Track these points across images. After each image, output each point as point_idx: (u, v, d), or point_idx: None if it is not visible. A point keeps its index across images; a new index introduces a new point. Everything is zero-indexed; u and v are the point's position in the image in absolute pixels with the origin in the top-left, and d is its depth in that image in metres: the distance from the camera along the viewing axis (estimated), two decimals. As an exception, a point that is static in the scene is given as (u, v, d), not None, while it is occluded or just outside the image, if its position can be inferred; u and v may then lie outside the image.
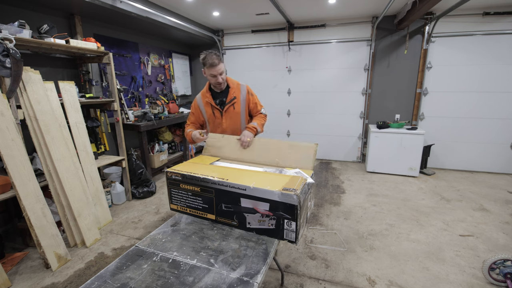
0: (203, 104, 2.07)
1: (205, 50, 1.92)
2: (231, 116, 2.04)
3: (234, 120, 2.06)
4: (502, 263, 1.84)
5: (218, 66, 1.86)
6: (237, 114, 2.05)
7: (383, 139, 4.12)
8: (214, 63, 1.84)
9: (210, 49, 1.97)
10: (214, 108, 2.04)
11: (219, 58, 1.88)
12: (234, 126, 2.08)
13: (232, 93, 2.01)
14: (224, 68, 1.93)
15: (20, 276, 2.00)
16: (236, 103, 2.02)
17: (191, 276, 1.13)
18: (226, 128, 2.07)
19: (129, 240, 2.48)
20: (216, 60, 1.84)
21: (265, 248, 1.33)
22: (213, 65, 1.85)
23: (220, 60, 1.88)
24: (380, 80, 4.54)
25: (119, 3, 2.85)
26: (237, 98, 2.02)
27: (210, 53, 1.86)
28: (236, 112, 2.04)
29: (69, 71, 3.02)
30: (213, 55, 1.85)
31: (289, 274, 2.01)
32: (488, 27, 3.85)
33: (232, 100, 2.01)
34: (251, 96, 2.07)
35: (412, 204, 3.16)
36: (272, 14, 4.09)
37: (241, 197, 1.40)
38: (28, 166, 2.01)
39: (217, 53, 1.89)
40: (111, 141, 3.54)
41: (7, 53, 1.85)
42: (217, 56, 1.87)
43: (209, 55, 1.85)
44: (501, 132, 4.09)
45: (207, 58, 1.84)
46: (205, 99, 2.04)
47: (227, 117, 2.04)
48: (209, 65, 1.85)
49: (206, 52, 1.89)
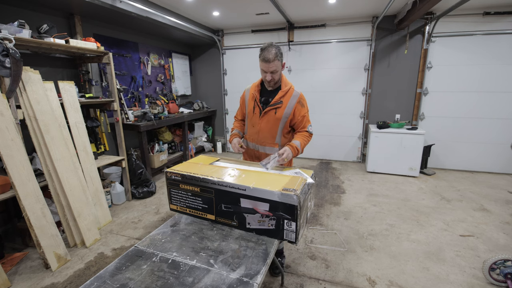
0: (249, 97, 1.90)
1: (269, 42, 1.73)
2: (269, 120, 1.83)
3: (271, 125, 1.83)
4: (502, 263, 1.84)
5: (271, 63, 1.66)
6: (277, 120, 1.81)
7: (383, 139, 4.12)
8: (268, 58, 1.64)
9: (271, 42, 1.72)
10: (256, 105, 1.85)
11: (277, 54, 1.67)
12: (269, 132, 1.86)
13: (280, 96, 1.78)
14: (279, 67, 1.72)
15: (20, 276, 2.00)
16: (280, 108, 1.78)
17: (190, 276, 1.13)
18: (260, 130, 1.87)
19: (128, 240, 2.47)
20: (271, 56, 1.64)
21: (265, 249, 1.33)
22: (266, 60, 1.66)
23: (277, 57, 1.67)
24: (380, 80, 4.54)
25: (119, 3, 2.85)
26: (283, 103, 1.78)
27: (270, 46, 1.66)
28: (276, 117, 1.80)
29: (69, 71, 3.02)
30: (273, 49, 1.65)
31: (289, 274, 2.01)
32: (489, 27, 3.85)
33: (277, 103, 1.78)
34: (301, 107, 1.80)
35: (412, 204, 3.15)
36: (272, 14, 4.09)
37: (241, 197, 1.40)
38: (28, 166, 2.00)
39: (279, 48, 1.70)
40: (111, 141, 3.54)
41: (6, 53, 1.85)
42: (277, 51, 1.66)
43: (267, 48, 1.66)
44: (502, 132, 4.08)
45: (264, 51, 1.66)
46: (253, 92, 1.87)
47: (264, 119, 1.84)
48: (262, 59, 1.67)
49: (268, 43, 1.69)
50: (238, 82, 5.35)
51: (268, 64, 1.66)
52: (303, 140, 1.79)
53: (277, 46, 1.69)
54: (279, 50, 1.69)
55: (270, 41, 1.82)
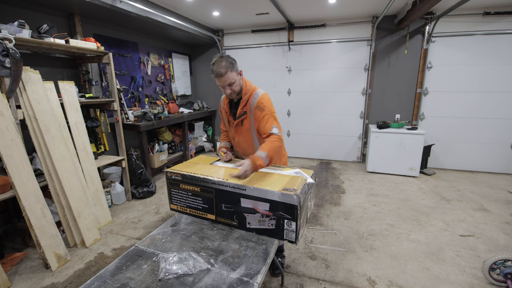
0: (223, 110, 1.85)
1: (218, 54, 1.63)
2: (242, 131, 1.77)
3: (245, 136, 1.78)
4: (502, 263, 1.84)
5: (224, 76, 1.57)
6: (247, 131, 1.74)
7: (383, 139, 4.12)
8: (220, 72, 1.56)
9: (222, 53, 1.64)
10: (229, 117, 1.81)
11: (228, 66, 1.57)
12: (246, 143, 1.81)
13: (241, 107, 1.70)
14: (235, 77, 1.62)
15: (20, 276, 2.00)
16: (246, 119, 1.72)
17: (191, 276, 1.13)
18: (239, 142, 1.84)
19: (129, 240, 2.47)
20: (222, 69, 1.55)
21: (265, 248, 1.33)
22: (218, 75, 1.57)
23: (229, 69, 1.57)
24: (380, 80, 4.54)
25: (119, 3, 2.85)
26: (247, 113, 1.70)
27: (218, 60, 1.58)
28: (245, 128, 1.74)
29: (68, 71, 3.02)
30: (222, 61, 1.56)
31: (289, 274, 2.01)
32: (489, 27, 3.85)
33: (241, 115, 1.71)
34: (260, 112, 1.65)
35: (412, 204, 3.15)
36: (272, 14, 4.09)
37: (241, 197, 1.40)
38: (28, 166, 2.00)
39: (228, 59, 1.59)
40: (111, 141, 3.54)
41: (6, 53, 1.85)
42: (227, 64, 1.57)
43: (216, 62, 1.57)
44: (502, 132, 4.08)
45: (214, 65, 1.58)
46: (224, 106, 1.83)
47: (238, 132, 1.80)
48: (215, 75, 1.59)
49: (217, 56, 1.60)
50: (238, 82, 5.35)
51: (221, 78, 1.58)
52: (270, 147, 1.57)
53: (226, 56, 1.60)
54: (229, 60, 1.59)
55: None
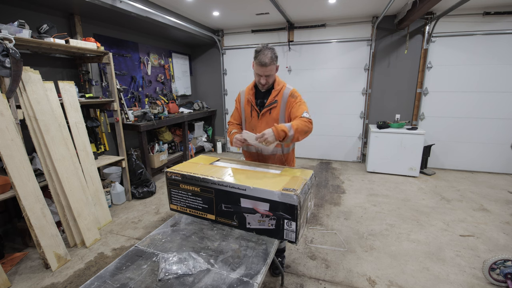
0: (245, 102, 1.87)
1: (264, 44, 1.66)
2: (267, 121, 1.78)
3: (270, 126, 1.74)
4: (502, 263, 1.84)
5: (268, 67, 1.62)
6: (274, 120, 1.77)
7: (383, 139, 4.12)
8: (265, 62, 1.60)
9: (266, 44, 1.66)
10: (253, 108, 1.82)
11: (273, 58, 1.62)
12: None
13: (273, 96, 1.75)
14: (274, 71, 1.69)
15: (20, 276, 2.00)
16: (275, 108, 1.76)
17: (190, 276, 1.13)
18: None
19: (129, 240, 2.47)
20: (267, 60, 1.60)
21: (265, 248, 1.33)
22: (262, 64, 1.61)
23: (273, 61, 1.63)
24: (380, 80, 4.54)
25: (119, 3, 2.85)
26: (277, 103, 1.74)
27: (265, 49, 1.62)
28: (272, 118, 1.77)
29: (68, 71, 3.02)
30: (269, 53, 1.61)
31: (289, 274, 2.00)
32: (489, 27, 3.85)
33: (271, 103, 1.75)
34: (292, 99, 1.73)
35: (412, 204, 3.15)
36: (272, 14, 4.09)
37: (241, 197, 1.40)
38: (28, 166, 2.00)
39: (274, 51, 1.64)
40: (111, 141, 3.54)
41: (6, 53, 1.85)
42: (272, 55, 1.62)
43: (263, 51, 1.61)
44: (501, 132, 4.08)
45: (260, 54, 1.61)
46: (248, 96, 1.83)
47: (263, 121, 1.79)
48: (258, 62, 1.62)
49: (263, 45, 1.64)
50: (238, 82, 5.35)
51: (264, 68, 1.63)
52: (298, 123, 1.58)
53: (272, 48, 1.64)
54: (275, 53, 1.65)
55: (265, 43, 1.76)
